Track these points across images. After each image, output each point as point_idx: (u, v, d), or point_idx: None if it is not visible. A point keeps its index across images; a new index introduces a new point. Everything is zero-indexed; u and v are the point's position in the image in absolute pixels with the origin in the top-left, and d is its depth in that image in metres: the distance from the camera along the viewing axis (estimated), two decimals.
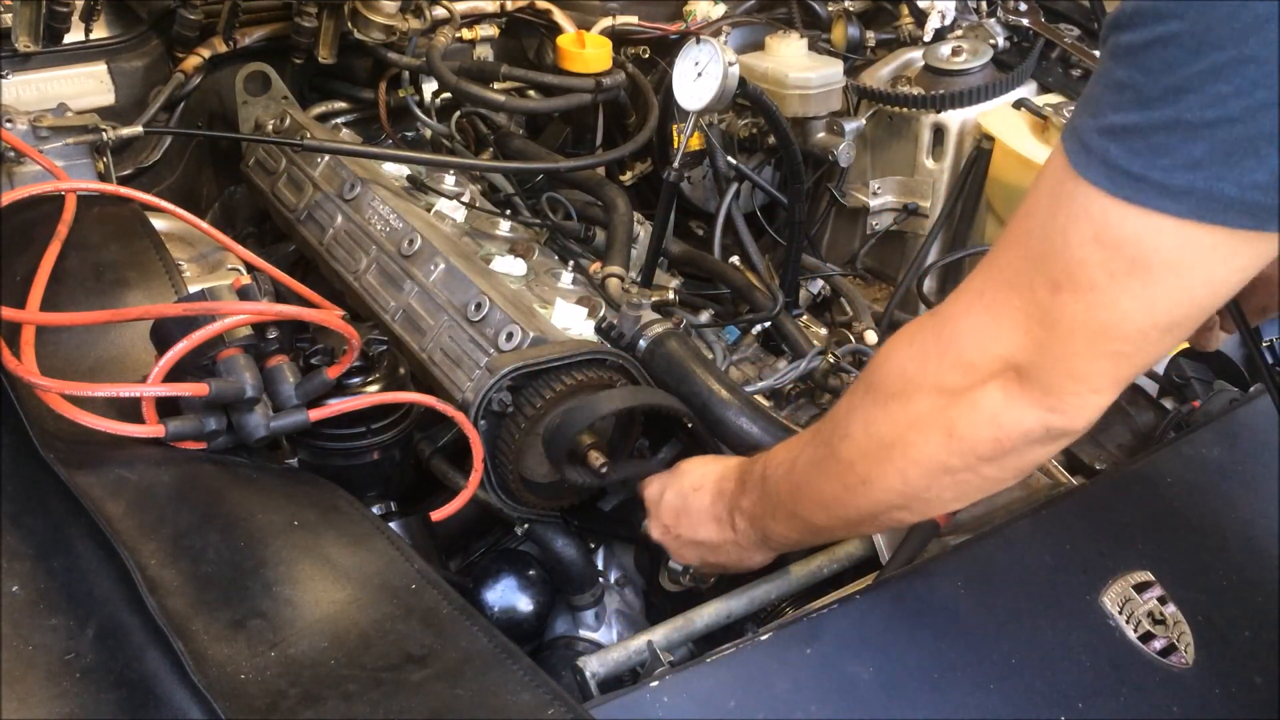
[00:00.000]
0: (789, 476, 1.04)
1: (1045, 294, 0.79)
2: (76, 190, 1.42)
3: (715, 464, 1.20)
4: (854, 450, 0.95)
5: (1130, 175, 0.72)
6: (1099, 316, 0.77)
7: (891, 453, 0.92)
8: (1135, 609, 1.10)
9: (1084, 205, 0.75)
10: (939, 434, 0.88)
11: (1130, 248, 0.74)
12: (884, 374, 0.93)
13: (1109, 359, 0.80)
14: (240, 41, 1.85)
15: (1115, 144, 0.73)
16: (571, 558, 1.40)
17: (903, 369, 0.90)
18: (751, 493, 1.10)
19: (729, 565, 1.19)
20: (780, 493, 1.06)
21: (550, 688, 0.87)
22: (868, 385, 0.95)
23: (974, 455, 0.88)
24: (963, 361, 0.85)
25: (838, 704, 0.98)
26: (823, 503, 1.01)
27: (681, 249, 1.76)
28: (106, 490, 1.01)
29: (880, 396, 0.92)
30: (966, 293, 0.87)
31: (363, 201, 1.59)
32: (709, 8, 2.04)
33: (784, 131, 1.59)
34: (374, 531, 1.06)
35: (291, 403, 1.12)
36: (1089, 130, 0.75)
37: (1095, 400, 0.83)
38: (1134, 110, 0.72)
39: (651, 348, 1.35)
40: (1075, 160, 0.76)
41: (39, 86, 1.68)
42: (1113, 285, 0.75)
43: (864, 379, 0.96)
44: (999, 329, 0.83)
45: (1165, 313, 0.76)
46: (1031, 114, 1.81)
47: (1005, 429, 0.85)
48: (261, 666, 0.86)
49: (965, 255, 1.84)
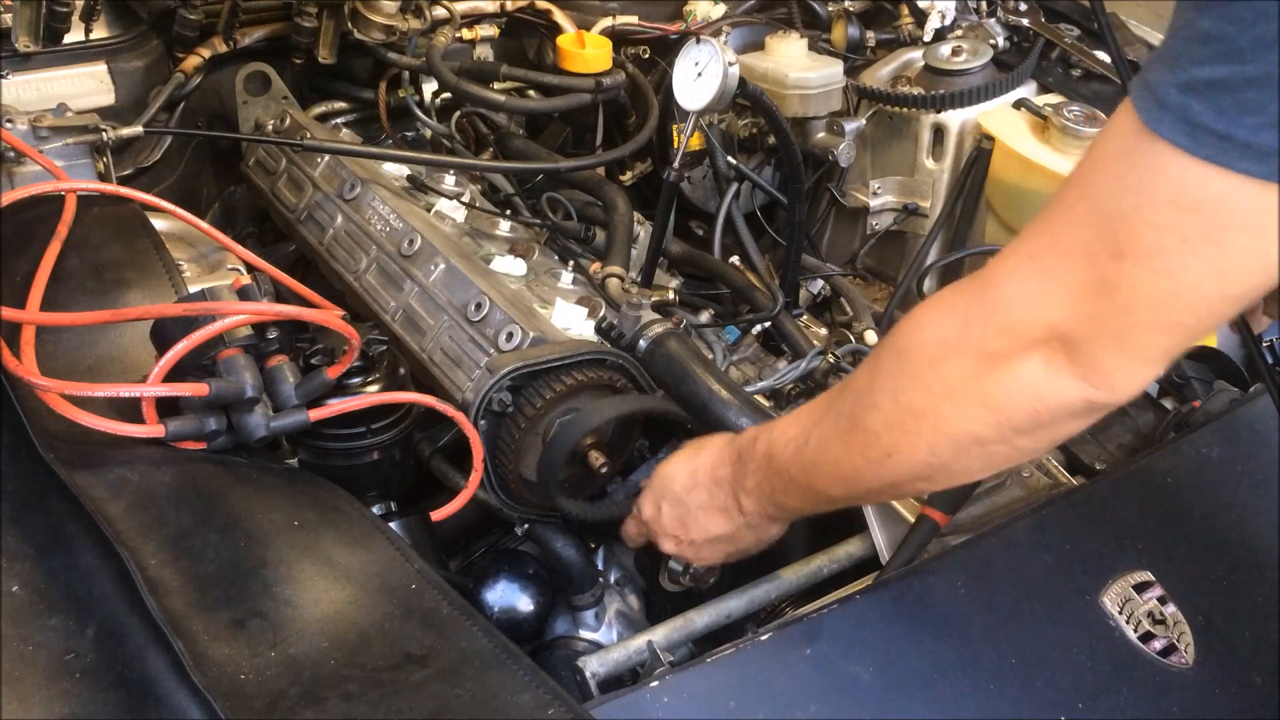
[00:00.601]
0: (801, 453, 0.99)
1: (1106, 260, 0.74)
2: (76, 190, 1.42)
3: (696, 456, 1.15)
4: (880, 421, 0.90)
5: (1214, 133, 0.67)
6: (1164, 285, 0.72)
7: (921, 423, 0.87)
8: (1135, 609, 1.10)
9: (1159, 165, 0.70)
10: (974, 404, 0.83)
11: (1209, 211, 0.69)
12: (917, 340, 0.87)
13: (1167, 331, 0.75)
14: (240, 41, 1.85)
15: (1198, 100, 0.68)
16: (571, 558, 1.41)
17: (941, 335, 0.85)
18: (755, 473, 1.06)
19: (750, 549, 1.15)
20: (791, 471, 1.01)
21: (550, 688, 0.87)
22: (898, 352, 0.89)
23: (1009, 427, 0.84)
24: (1006, 328, 0.80)
25: (838, 704, 0.98)
26: (841, 476, 0.97)
27: (681, 249, 1.77)
28: (106, 490, 1.01)
29: (912, 364, 0.87)
30: (1013, 256, 0.81)
31: (363, 201, 1.59)
32: (709, 8, 2.04)
33: (784, 131, 1.59)
34: (374, 531, 1.06)
35: (291, 403, 1.12)
36: (1167, 85, 0.70)
37: (1143, 373, 0.78)
38: (1221, 63, 0.67)
39: (651, 348, 1.35)
40: (1149, 117, 0.71)
41: (39, 86, 1.68)
42: (1184, 251, 0.70)
43: (891, 347, 0.90)
44: (1049, 295, 0.78)
45: (1237, 281, 0.72)
46: (1031, 114, 1.81)
47: (1045, 401, 0.81)
48: (261, 666, 0.86)
49: (965, 255, 1.84)
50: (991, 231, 1.83)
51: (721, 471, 1.10)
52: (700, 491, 1.13)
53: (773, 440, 1.04)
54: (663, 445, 1.44)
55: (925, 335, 0.87)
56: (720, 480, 1.10)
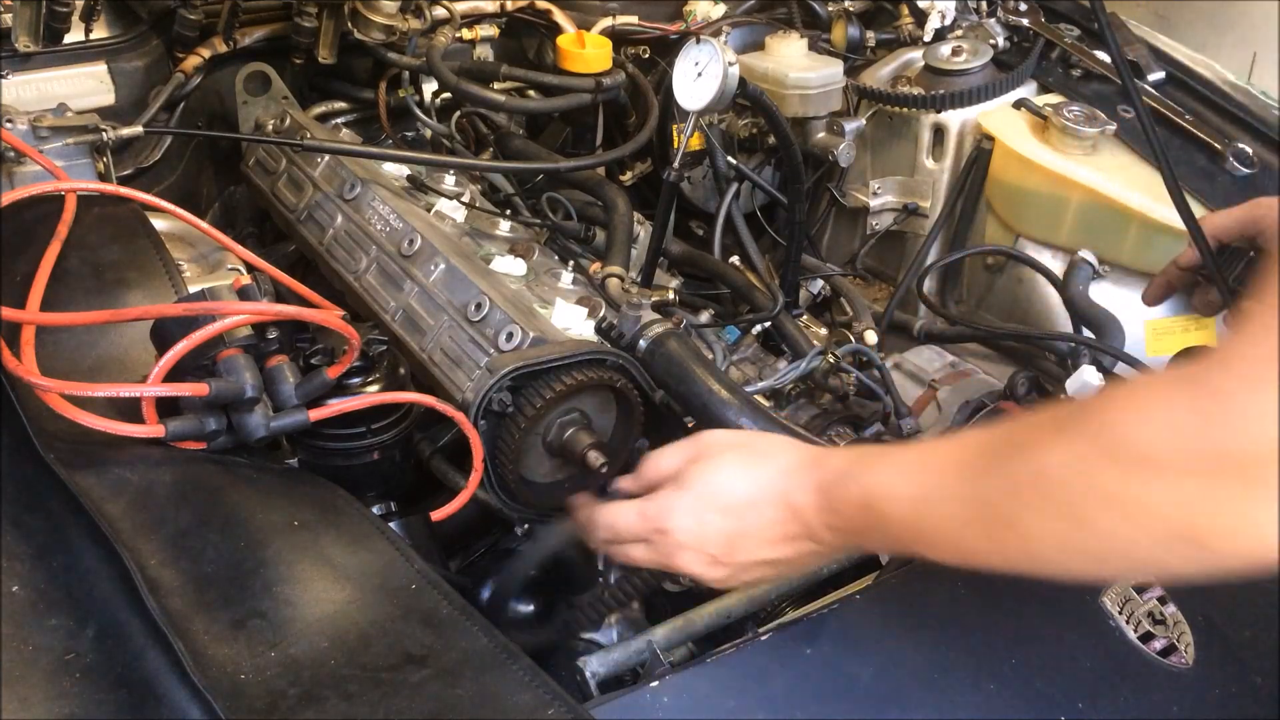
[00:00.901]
0: (919, 522, 0.87)
1: None
2: (76, 190, 1.42)
3: (757, 466, 1.00)
4: (1044, 529, 0.77)
5: None
6: None
7: (1102, 544, 0.75)
8: (1135, 609, 1.10)
9: None
10: (1181, 540, 0.71)
11: None
12: (1126, 435, 0.73)
13: None
14: (240, 41, 1.85)
15: None
16: (571, 558, 1.40)
17: (1154, 437, 0.71)
18: (844, 514, 0.93)
19: (798, 573, 1.08)
20: (895, 530, 0.90)
21: (550, 688, 0.87)
22: (1097, 439, 0.74)
23: (1210, 565, 0.71)
24: (1239, 454, 0.67)
25: (838, 704, 0.98)
26: (963, 557, 0.85)
27: (681, 249, 1.77)
28: (106, 490, 1.01)
29: (1115, 459, 0.73)
30: (1253, 360, 0.67)
31: (363, 201, 1.59)
32: (709, 8, 2.04)
33: (784, 131, 1.59)
34: (374, 531, 1.06)
35: (291, 403, 1.12)
36: None
37: None
38: None
39: (651, 348, 1.35)
40: None
41: (39, 86, 1.68)
42: None
43: (1091, 428, 0.75)
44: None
45: None
46: (1031, 114, 1.81)
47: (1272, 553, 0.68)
48: (261, 666, 0.86)
49: (965, 255, 1.84)
50: (991, 231, 1.83)
51: (797, 498, 0.96)
52: (766, 511, 0.97)
53: (874, 489, 0.91)
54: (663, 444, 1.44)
55: (1137, 433, 0.72)
56: (795, 508, 0.96)
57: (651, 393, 1.36)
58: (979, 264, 1.87)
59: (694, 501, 1.00)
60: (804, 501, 0.95)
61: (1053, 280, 1.68)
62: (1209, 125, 1.75)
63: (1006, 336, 1.74)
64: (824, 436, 1.43)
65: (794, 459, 0.99)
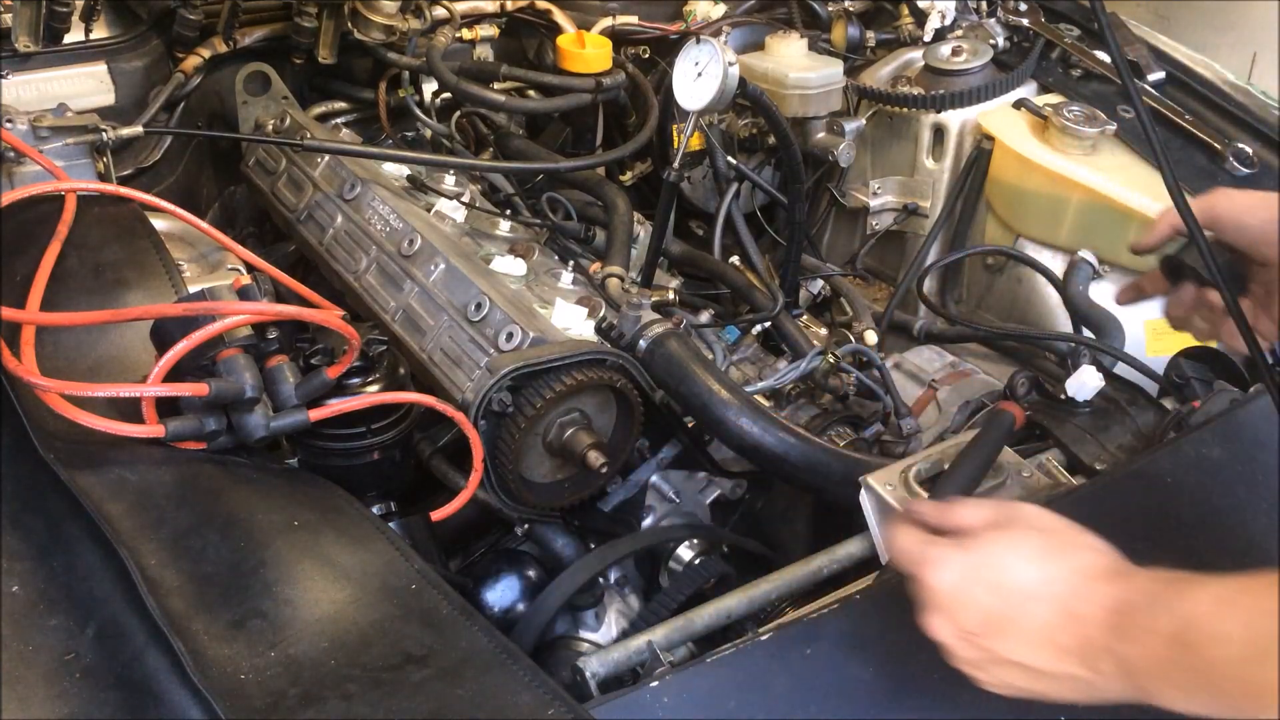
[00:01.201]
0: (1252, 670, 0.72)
1: None
2: (76, 190, 1.42)
3: (1057, 562, 0.86)
4: None
5: None
6: None
7: None
8: None
9: None
10: None
11: None
12: None
13: None
14: (240, 41, 1.85)
15: None
16: (571, 558, 1.40)
17: None
18: (1145, 646, 0.78)
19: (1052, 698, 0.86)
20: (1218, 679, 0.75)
21: (550, 688, 0.87)
22: None
23: None
24: None
25: (838, 704, 0.98)
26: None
27: (681, 249, 1.77)
28: (106, 490, 1.01)
29: None
30: None
31: (363, 201, 1.59)
32: (709, 8, 2.04)
33: (784, 131, 1.59)
34: (374, 531, 1.06)
35: (291, 403, 1.12)
36: None
37: None
38: None
39: (651, 348, 1.35)
40: None
41: (39, 86, 1.68)
42: None
43: None
44: None
45: None
46: (1031, 114, 1.81)
47: None
48: (261, 666, 0.86)
49: (965, 255, 1.84)
50: (991, 231, 1.83)
51: (1087, 610, 0.82)
52: (1045, 611, 0.84)
53: (1194, 621, 0.77)
54: (663, 445, 1.44)
55: None
56: (1082, 619, 0.82)
57: (651, 393, 1.36)
58: (979, 264, 1.87)
59: (967, 567, 0.88)
60: (1091, 615, 0.82)
61: (1053, 280, 1.68)
62: (1209, 125, 1.76)
63: (1006, 336, 1.74)
64: (824, 436, 1.43)
65: (1092, 563, 0.86)
